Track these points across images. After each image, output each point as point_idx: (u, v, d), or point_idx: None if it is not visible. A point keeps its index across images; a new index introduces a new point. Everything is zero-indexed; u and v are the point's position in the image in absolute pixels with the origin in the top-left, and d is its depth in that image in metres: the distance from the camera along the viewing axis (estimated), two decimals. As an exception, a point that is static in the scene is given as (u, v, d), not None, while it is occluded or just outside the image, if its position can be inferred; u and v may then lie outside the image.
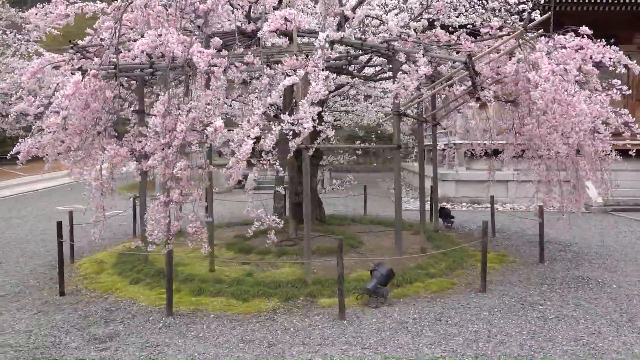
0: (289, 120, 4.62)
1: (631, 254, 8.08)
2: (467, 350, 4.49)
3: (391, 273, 5.86)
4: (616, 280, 6.57)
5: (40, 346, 4.76)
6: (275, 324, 5.19)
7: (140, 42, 5.06)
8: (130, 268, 7.26)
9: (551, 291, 6.15)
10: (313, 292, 6.09)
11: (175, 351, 4.59)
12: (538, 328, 4.98)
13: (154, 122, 5.17)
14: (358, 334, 4.90)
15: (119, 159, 5.52)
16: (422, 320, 5.22)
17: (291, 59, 5.00)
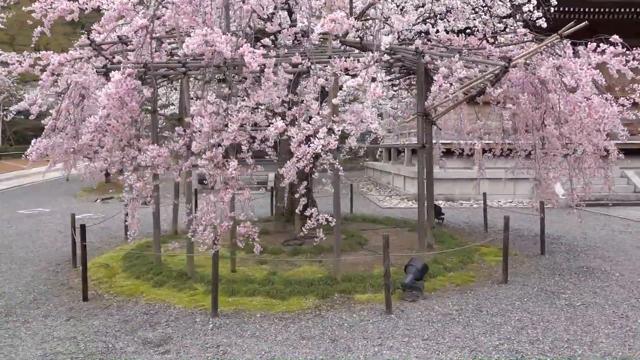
0: (350, 121, 4.73)
1: (616, 245, 8.76)
2: (520, 337, 4.78)
3: (426, 267, 6.10)
4: (616, 270, 7.13)
5: (95, 352, 4.62)
6: (325, 320, 5.29)
7: (190, 42, 5.00)
8: (147, 270, 7.11)
9: (565, 281, 6.60)
10: (346, 289, 6.23)
11: (239, 350, 4.60)
12: (571, 315, 5.36)
13: (201, 122, 5.13)
14: (411, 326, 5.09)
15: (161, 160, 5.42)
16: (465, 312, 5.48)
17: (340, 60, 5.11)
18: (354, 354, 4.48)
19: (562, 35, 5.51)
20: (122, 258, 8.23)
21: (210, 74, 5.36)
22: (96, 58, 6.53)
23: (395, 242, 8.83)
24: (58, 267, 7.93)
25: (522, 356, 4.38)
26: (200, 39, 5.05)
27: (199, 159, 5.15)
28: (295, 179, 5.18)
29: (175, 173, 5.77)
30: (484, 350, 4.50)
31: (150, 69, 5.76)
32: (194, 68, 6.00)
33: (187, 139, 5.61)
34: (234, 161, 5.05)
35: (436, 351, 4.51)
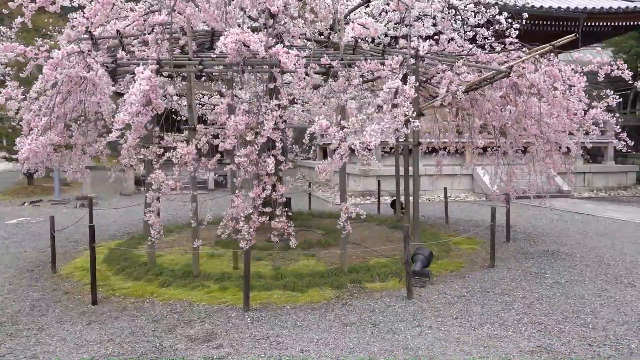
0: (389, 122, 5.07)
1: (561, 232, 9.90)
2: (533, 311, 5.41)
3: (431, 255, 6.60)
4: (574, 252, 8.12)
5: (147, 352, 4.57)
6: (355, 308, 5.60)
7: (226, 40, 5.07)
8: (145, 272, 6.96)
9: (540, 263, 7.43)
10: (356, 279, 6.56)
11: (291, 340, 4.78)
12: (563, 290, 6.12)
13: (236, 119, 5.22)
14: (436, 308, 5.55)
15: (190, 158, 5.41)
16: (474, 293, 6.05)
17: (369, 62, 5.44)
18: (400, 335, 4.84)
19: (554, 45, 6.28)
20: (102, 261, 7.92)
21: (242, 74, 5.42)
22: (96, 52, 6.29)
23: (371, 235, 9.32)
24: (33, 273, 7.47)
25: (545, 327, 5.00)
26: (235, 38, 5.13)
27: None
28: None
29: (201, 170, 5.74)
30: (511, 324, 5.07)
31: (172, 66, 5.69)
32: (210, 65, 6.00)
33: (210, 137, 5.65)
34: (270, 158, 5.19)
35: (471, 327, 5.00)
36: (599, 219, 11.60)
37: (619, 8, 16.74)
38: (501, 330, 4.92)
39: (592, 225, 10.72)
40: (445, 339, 4.73)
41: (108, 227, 11.12)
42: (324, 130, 4.91)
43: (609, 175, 17.78)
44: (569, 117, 6.44)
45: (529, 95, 6.90)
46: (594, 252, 8.12)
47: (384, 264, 7.19)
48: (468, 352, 4.45)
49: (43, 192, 17.93)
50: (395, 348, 4.56)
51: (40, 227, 11.59)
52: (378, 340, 4.73)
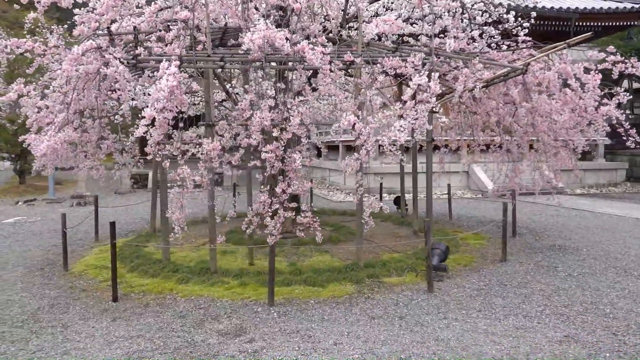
0: (415, 117, 5.14)
1: (562, 227, 10.09)
2: (553, 303, 5.53)
3: (448, 250, 6.70)
4: (580, 246, 8.30)
5: (180, 346, 4.58)
6: (379, 302, 5.66)
7: (253, 37, 5.08)
8: (160, 269, 6.95)
9: (549, 257, 7.58)
10: (373, 274, 6.63)
11: (322, 333, 4.82)
12: (577, 283, 6.27)
13: (262, 116, 5.24)
14: (459, 301, 5.64)
15: (215, 153, 5.41)
16: (492, 286, 6.16)
17: (391, 59, 5.50)
18: (428, 327, 4.92)
19: (569, 44, 6.42)
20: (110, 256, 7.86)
21: (267, 70, 5.44)
22: (113, 48, 6.26)
23: (379, 231, 9.38)
24: (44, 272, 7.41)
25: (567, 317, 5.12)
26: (262, 34, 5.15)
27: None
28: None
29: (225, 166, 5.74)
30: (534, 315, 5.18)
31: (197, 62, 5.68)
32: (233, 61, 6.01)
33: (233, 133, 5.66)
34: (297, 153, 5.22)
35: (496, 319, 5.10)
36: (596, 214, 11.84)
37: (609, 8, 17.07)
38: (526, 322, 5.02)
39: (591, 220, 10.94)
40: (473, 330, 4.82)
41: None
42: (350, 126, 4.95)
43: (599, 172, 18.13)
44: (580, 114, 6.60)
45: (538, 93, 7.03)
46: (598, 246, 8.30)
47: (397, 259, 7.27)
48: (498, 342, 4.54)
49: (36, 190, 17.68)
50: (426, 340, 4.63)
51: (41, 226, 11.45)
52: (407, 333, 4.80)
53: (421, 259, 7.19)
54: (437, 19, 6.67)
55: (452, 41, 5.36)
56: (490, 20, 8.07)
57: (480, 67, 6.20)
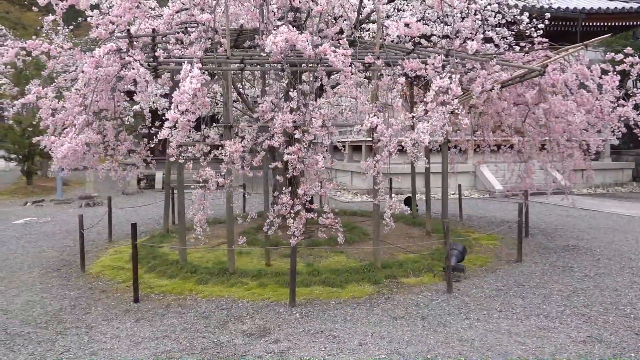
0: (437, 118, 5.17)
1: (573, 227, 10.12)
2: (573, 303, 5.57)
3: (465, 250, 6.74)
4: (593, 246, 8.33)
5: (207, 347, 4.61)
6: (399, 302, 5.70)
7: (276, 40, 5.12)
8: (178, 269, 6.99)
9: (564, 257, 7.62)
10: (390, 274, 6.67)
11: (346, 333, 4.86)
12: (595, 283, 6.30)
13: (284, 118, 5.28)
14: (479, 301, 5.68)
15: (237, 155, 5.45)
16: (510, 287, 6.20)
17: (411, 61, 5.54)
18: (451, 328, 4.96)
19: (586, 45, 6.46)
20: (130, 260, 7.91)
21: (288, 72, 5.48)
22: (133, 50, 6.30)
23: (391, 232, 9.36)
24: (61, 272, 7.45)
25: (589, 317, 5.15)
26: (285, 37, 5.19)
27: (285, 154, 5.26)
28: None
29: (246, 168, 5.78)
30: (556, 316, 5.22)
31: (214, 64, 5.72)
32: (251, 63, 6.04)
33: (254, 134, 5.70)
34: (319, 155, 5.26)
35: (518, 319, 5.14)
36: (604, 214, 11.88)
37: (616, 8, 17.11)
38: (548, 322, 5.06)
39: (600, 220, 10.97)
40: (496, 331, 4.86)
41: (121, 227, 11.05)
42: (373, 128, 4.99)
43: (605, 172, 18.15)
44: (597, 115, 6.64)
45: (553, 94, 7.06)
46: (611, 246, 8.34)
47: (414, 259, 7.31)
48: (523, 342, 4.58)
49: (43, 191, 17.73)
50: (450, 340, 4.67)
51: (52, 227, 11.49)
52: (431, 333, 4.84)
53: (437, 260, 7.24)
54: (455, 21, 6.70)
55: (474, 43, 5.39)
56: (504, 21, 8.11)
57: (498, 69, 6.23)
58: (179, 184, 7.27)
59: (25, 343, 4.83)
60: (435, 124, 5.12)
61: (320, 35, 6.01)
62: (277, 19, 7.07)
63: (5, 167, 25.17)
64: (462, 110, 5.00)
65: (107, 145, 7.49)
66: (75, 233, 10.62)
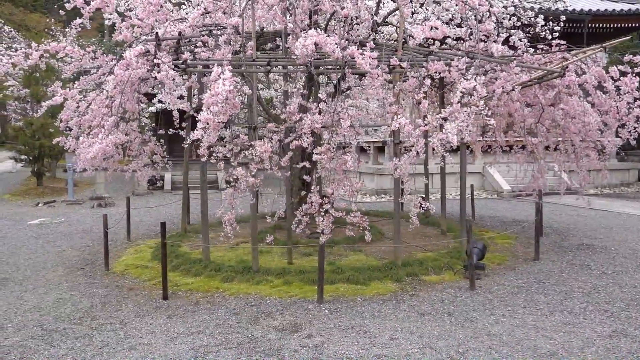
0: (463, 119, 5.30)
1: (585, 226, 10.26)
2: (595, 300, 5.70)
3: (485, 248, 6.86)
4: (607, 245, 8.46)
5: (242, 342, 4.74)
6: (424, 299, 5.83)
7: (307, 42, 5.25)
8: (203, 268, 7.10)
9: (580, 256, 7.74)
10: (412, 272, 6.79)
11: (376, 329, 4.98)
12: (613, 280, 6.43)
13: (313, 119, 5.41)
14: (502, 298, 5.81)
15: (267, 155, 5.58)
16: (531, 284, 6.32)
17: (435, 63, 5.67)
18: (478, 323, 5.08)
19: (605, 47, 6.60)
20: (152, 258, 8.06)
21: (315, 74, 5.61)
22: (160, 53, 6.43)
23: (406, 231, 9.54)
24: (85, 271, 7.57)
25: (611, 313, 5.28)
26: (314, 40, 5.32)
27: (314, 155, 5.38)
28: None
29: (275, 168, 5.90)
30: (579, 312, 5.34)
31: (250, 66, 5.85)
32: (276, 65, 6.17)
33: (281, 135, 5.83)
34: (348, 155, 5.39)
35: (542, 315, 5.27)
36: (614, 214, 12.00)
37: (622, 10, 17.25)
38: (572, 317, 5.19)
39: (611, 220, 11.10)
40: (522, 326, 4.98)
41: (137, 227, 11.18)
42: (402, 129, 5.11)
43: (612, 172, 18.21)
44: (614, 116, 6.77)
45: (569, 95, 7.20)
46: (625, 245, 8.47)
47: (432, 257, 7.43)
48: (550, 337, 4.70)
49: (53, 192, 17.84)
50: (478, 335, 4.80)
51: (68, 227, 11.61)
52: (459, 328, 4.96)
53: (455, 258, 7.36)
54: (477, 24, 6.82)
55: (499, 45, 5.53)
56: (519, 24, 8.25)
57: (518, 71, 6.36)
58: (202, 183, 7.40)
59: (63, 338, 4.96)
60: (462, 125, 5.25)
61: (345, 38, 6.13)
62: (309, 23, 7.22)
63: (12, 168, 25.28)
64: (489, 111, 5.12)
65: (129, 146, 7.63)
66: (92, 233, 10.78)
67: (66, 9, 6.97)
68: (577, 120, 7.12)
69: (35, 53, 7.54)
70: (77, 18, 7.20)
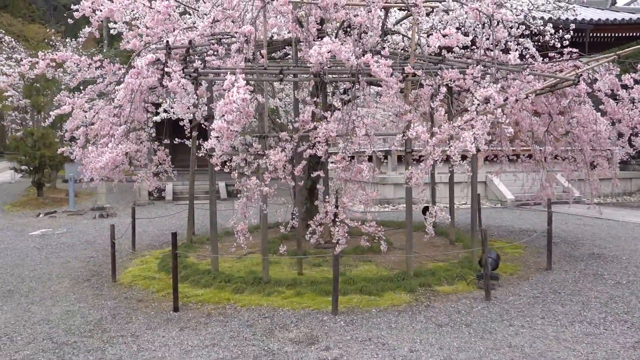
0: (479, 128, 5.25)
1: (593, 235, 10.20)
2: (613, 310, 5.62)
3: (498, 258, 6.79)
4: (618, 255, 8.39)
5: (259, 355, 4.64)
6: (441, 310, 5.74)
7: (322, 50, 5.20)
8: (212, 279, 6.99)
9: (592, 265, 7.67)
10: (424, 283, 6.70)
11: (394, 340, 4.89)
12: (629, 290, 6.36)
13: (328, 127, 5.35)
14: (519, 309, 5.72)
15: (281, 164, 5.51)
16: (546, 294, 6.24)
17: (450, 71, 5.63)
18: (498, 334, 5.00)
19: (619, 55, 6.59)
20: (159, 269, 7.96)
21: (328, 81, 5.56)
22: (171, 62, 6.37)
23: (416, 241, 9.43)
24: (92, 283, 7.46)
25: (632, 324, 5.21)
26: (330, 48, 5.28)
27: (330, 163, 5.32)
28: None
29: (288, 177, 5.83)
30: (599, 322, 5.27)
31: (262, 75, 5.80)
32: (288, 73, 6.13)
33: (294, 144, 5.77)
34: (364, 163, 5.32)
35: (562, 326, 5.19)
36: (621, 223, 11.96)
37: (623, 19, 17.34)
38: (592, 328, 5.11)
39: (619, 229, 11.04)
40: (543, 337, 4.90)
41: (141, 237, 11.07)
42: (418, 137, 5.05)
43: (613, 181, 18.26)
44: (627, 124, 6.75)
45: (579, 103, 7.18)
46: (636, 254, 8.41)
47: (444, 267, 7.35)
48: (573, 348, 4.62)
49: (54, 203, 17.69)
50: (499, 346, 4.71)
51: (70, 238, 11.48)
52: (479, 340, 4.88)
53: (467, 268, 7.29)
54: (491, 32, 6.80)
55: (516, 54, 5.50)
56: (528, 32, 8.24)
57: (531, 79, 6.34)
58: (211, 193, 7.31)
59: (75, 352, 4.85)
60: (478, 133, 5.20)
61: (357, 45, 6.10)
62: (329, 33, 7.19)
63: (11, 179, 25.13)
64: (507, 119, 5.08)
65: (136, 155, 7.55)
66: (95, 244, 10.66)
67: (72, 17, 6.91)
68: (589, 129, 7.09)
69: (41, 62, 7.48)
70: (78, 28, 7.19)
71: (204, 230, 11.28)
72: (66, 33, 30.15)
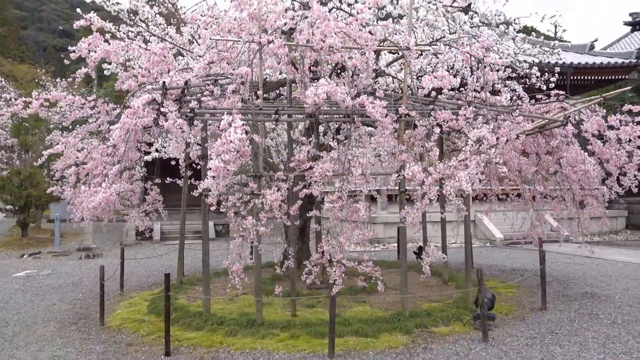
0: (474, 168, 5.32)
1: (584, 274, 10.23)
2: (611, 351, 5.58)
3: (494, 298, 6.75)
4: (609, 294, 8.40)
5: (255, 401, 4.50)
6: (440, 352, 5.65)
7: (318, 92, 5.29)
8: (204, 321, 6.82)
9: (586, 305, 7.66)
10: (420, 324, 6.62)
11: (393, 385, 4.79)
12: (625, 329, 6.34)
13: (324, 167, 5.38)
14: (518, 350, 5.66)
15: (277, 204, 5.50)
16: (544, 335, 6.19)
17: (442, 112, 5.75)
18: (498, 377, 4.92)
19: (605, 97, 6.79)
20: (149, 312, 7.76)
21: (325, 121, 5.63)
22: (167, 102, 6.42)
23: (409, 281, 9.35)
24: (79, 326, 7.25)
25: (631, 365, 5.18)
26: (326, 89, 5.37)
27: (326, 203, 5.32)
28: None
29: (284, 217, 5.81)
30: (598, 363, 5.23)
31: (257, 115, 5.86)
32: (285, 113, 6.20)
33: (290, 184, 5.79)
34: (360, 203, 5.34)
35: (562, 368, 5.13)
36: (609, 261, 12.03)
37: (602, 63, 17.99)
38: (592, 370, 5.06)
39: (608, 268, 11.10)
40: (544, 380, 4.84)
41: (128, 278, 10.84)
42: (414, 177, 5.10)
43: (601, 220, 18.46)
44: (615, 164, 6.90)
45: (566, 144, 7.34)
46: (628, 293, 8.43)
47: (439, 308, 7.28)
48: (575, 391, 4.56)
49: (38, 243, 17.36)
50: (501, 390, 4.63)
51: (56, 279, 11.21)
52: (479, 383, 4.80)
53: (462, 308, 7.23)
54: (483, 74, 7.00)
55: (507, 95, 5.65)
56: (514, 75, 8.48)
57: (521, 119, 6.48)
58: (204, 232, 7.24)
59: (63, 400, 4.66)
60: (473, 172, 5.27)
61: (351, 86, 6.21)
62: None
63: (-6, 219, 24.70)
64: (500, 159, 5.16)
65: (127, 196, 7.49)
66: (81, 286, 10.42)
67: (68, 58, 6.96)
68: (578, 169, 7.22)
69: (35, 102, 7.49)
70: (67, 69, 7.25)
71: (193, 271, 11.11)
72: (55, 73, 30.43)
